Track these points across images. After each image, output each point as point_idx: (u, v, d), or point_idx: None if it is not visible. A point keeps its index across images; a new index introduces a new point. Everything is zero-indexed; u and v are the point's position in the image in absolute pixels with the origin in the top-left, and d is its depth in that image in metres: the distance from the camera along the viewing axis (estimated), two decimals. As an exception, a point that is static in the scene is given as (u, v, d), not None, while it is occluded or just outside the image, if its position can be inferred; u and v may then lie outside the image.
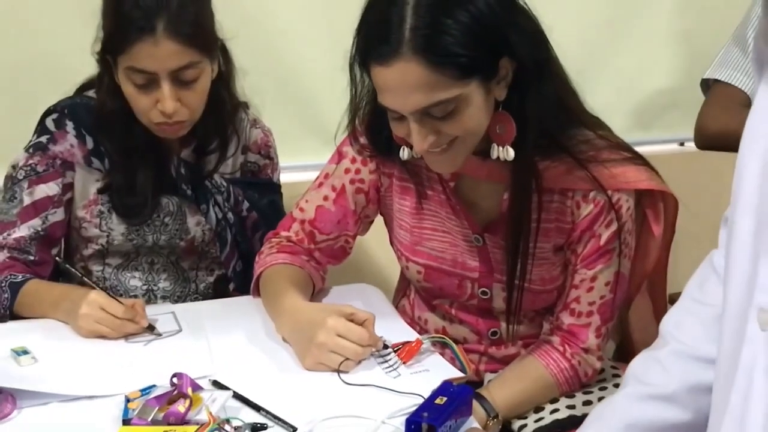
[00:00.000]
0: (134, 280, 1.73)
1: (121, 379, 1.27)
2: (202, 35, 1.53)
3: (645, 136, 2.35)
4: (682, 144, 2.46)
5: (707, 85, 1.87)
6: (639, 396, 1.02)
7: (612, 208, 1.38)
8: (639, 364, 1.06)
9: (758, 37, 0.92)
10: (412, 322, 1.62)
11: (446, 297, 1.54)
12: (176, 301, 1.75)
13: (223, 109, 1.68)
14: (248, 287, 1.67)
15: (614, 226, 1.39)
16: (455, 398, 1.16)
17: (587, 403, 1.46)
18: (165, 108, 1.51)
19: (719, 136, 1.76)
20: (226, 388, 1.24)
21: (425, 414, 1.11)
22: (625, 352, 1.64)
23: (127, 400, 1.19)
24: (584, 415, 1.41)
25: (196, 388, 1.19)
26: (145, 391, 1.21)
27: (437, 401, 1.15)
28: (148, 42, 1.46)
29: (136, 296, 1.73)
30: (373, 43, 1.25)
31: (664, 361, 1.03)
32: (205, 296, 1.79)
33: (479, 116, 1.28)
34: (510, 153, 1.31)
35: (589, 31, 2.29)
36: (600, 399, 1.46)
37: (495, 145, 1.33)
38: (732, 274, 0.87)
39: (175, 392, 1.17)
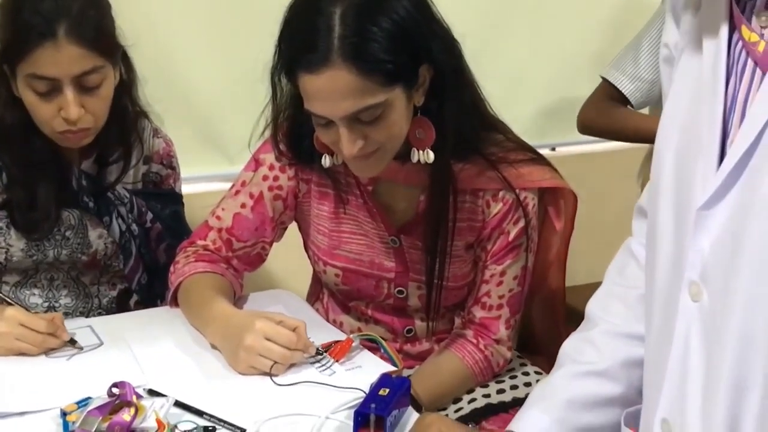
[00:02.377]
0: (34, 297, 1.68)
1: (50, 394, 1.24)
2: (104, 40, 1.51)
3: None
4: (553, 149, 2.63)
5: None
6: (575, 374, 1.11)
7: (520, 205, 1.47)
8: (571, 345, 1.15)
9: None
10: (327, 325, 1.66)
11: (363, 298, 1.59)
12: (79, 318, 1.70)
13: (126, 118, 1.65)
14: (153, 300, 1.66)
15: (522, 223, 1.48)
16: (397, 389, 1.21)
17: (500, 391, 1.54)
18: (69, 114, 1.48)
19: (595, 127, 2.13)
20: (161, 395, 1.23)
21: (373, 405, 1.15)
22: (527, 343, 1.74)
23: (64, 414, 1.17)
24: (500, 403, 1.53)
25: (138, 396, 1.18)
26: (81, 403, 1.19)
27: (380, 393, 1.19)
28: (49, 47, 1.43)
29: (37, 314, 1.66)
30: (300, 52, 1.28)
31: (595, 341, 1.12)
32: (109, 311, 1.75)
33: (402, 121, 1.34)
34: (430, 156, 1.38)
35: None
36: (512, 387, 1.55)
37: (415, 150, 1.39)
38: (658, 256, 0.97)
39: (117, 401, 1.15)
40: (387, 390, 1.20)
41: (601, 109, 2.09)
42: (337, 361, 1.36)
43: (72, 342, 1.39)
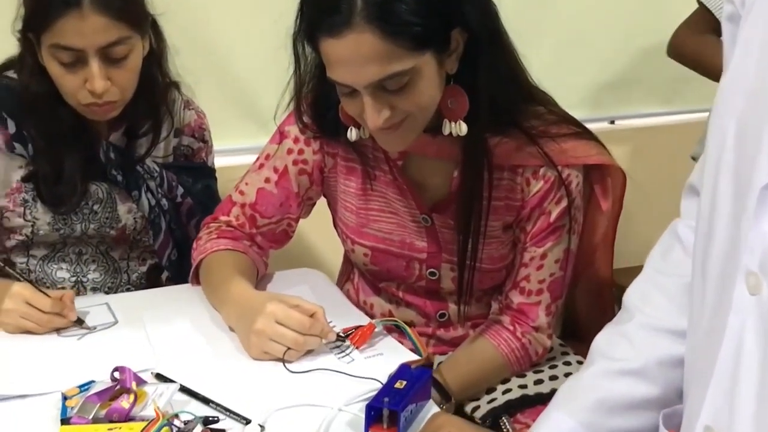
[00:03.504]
0: (61, 272, 1.64)
1: (55, 376, 1.19)
2: (131, 9, 1.45)
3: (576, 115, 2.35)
4: (612, 122, 2.48)
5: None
6: (607, 372, 1.00)
7: (562, 184, 1.36)
8: (604, 339, 1.04)
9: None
10: (358, 307, 1.57)
11: (393, 279, 1.50)
12: (107, 293, 1.66)
13: (155, 89, 1.59)
14: (184, 277, 1.59)
15: (564, 203, 1.37)
16: (415, 382, 1.12)
17: (538, 382, 1.44)
18: (94, 87, 1.43)
19: (687, 53, 2.03)
20: (171, 381, 1.17)
21: (386, 399, 1.06)
22: (571, 330, 1.63)
23: (65, 398, 1.12)
24: (537, 395, 1.42)
25: (140, 382, 1.13)
26: (83, 387, 1.14)
27: (397, 385, 1.10)
28: (74, 16, 1.37)
29: (63, 288, 1.63)
30: (322, 15, 1.19)
31: (630, 335, 1.00)
32: (138, 287, 1.71)
33: (432, 90, 1.24)
34: (463, 128, 1.27)
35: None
36: (551, 377, 1.45)
37: (447, 121, 1.29)
38: (711, 241, 0.85)
39: (118, 387, 1.10)
40: (404, 382, 1.11)
41: (695, 34, 2.00)
42: (357, 347, 1.27)
43: (79, 322, 1.34)
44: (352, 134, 1.34)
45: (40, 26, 1.41)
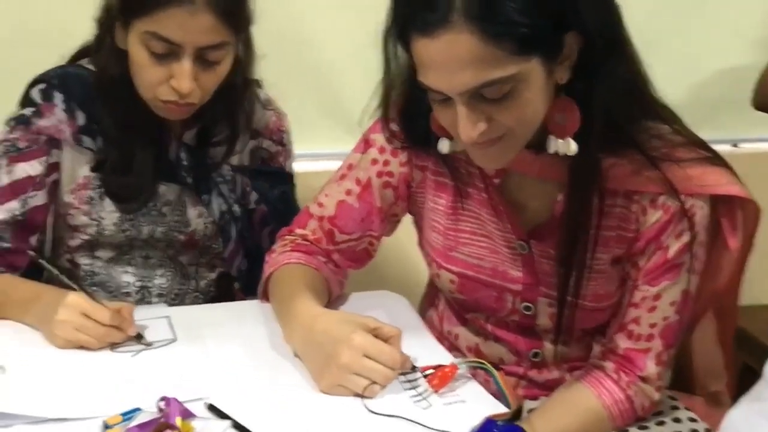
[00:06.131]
0: (127, 276, 1.53)
1: (100, 399, 1.08)
2: (240, 16, 1.36)
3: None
4: (735, 145, 2.25)
5: None
6: None
7: (684, 215, 1.19)
8: (741, 418, 0.85)
9: None
10: (441, 337, 1.42)
11: (482, 311, 1.34)
12: (173, 300, 1.56)
13: (234, 96, 1.49)
14: (254, 288, 1.47)
15: (685, 237, 1.19)
16: (501, 441, 0.96)
17: (643, 440, 1.26)
18: (180, 86, 1.32)
19: None
20: (224, 416, 1.04)
21: (468, 462, 0.91)
22: (683, 380, 1.44)
23: (106, 426, 1.01)
24: (641, 456, 1.24)
25: (187, 415, 1.00)
26: (127, 415, 1.03)
27: (480, 444, 0.94)
28: (185, 9, 1.28)
29: (128, 293, 1.53)
30: (415, 10, 1.04)
31: None
32: (206, 295, 1.60)
33: (537, 101, 1.08)
34: (572, 146, 1.11)
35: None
36: (658, 436, 1.27)
37: (553, 138, 1.13)
38: None
39: (162, 421, 0.97)
40: (489, 441, 0.95)
41: None
42: (435, 391, 1.12)
43: (138, 337, 1.23)
44: (444, 146, 1.19)
45: (140, 10, 1.31)
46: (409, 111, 1.23)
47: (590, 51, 1.08)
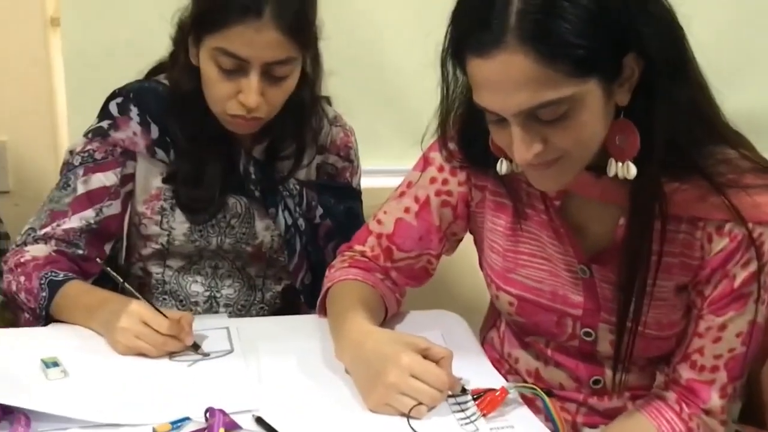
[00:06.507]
0: (196, 285, 1.57)
1: (153, 407, 1.10)
2: (306, 32, 1.38)
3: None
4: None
5: None
6: None
7: (752, 244, 1.13)
8: None
9: None
10: (501, 359, 1.40)
11: (542, 335, 1.32)
12: (239, 311, 1.59)
13: (303, 112, 1.51)
14: (317, 302, 1.48)
15: (753, 266, 1.14)
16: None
17: (705, 477, 1.21)
18: (248, 101, 1.35)
19: None
20: (271, 429, 1.05)
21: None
22: (753, 414, 1.37)
23: (155, 434, 1.02)
24: (701, 493, 1.19)
25: (233, 426, 1.02)
26: (176, 424, 1.04)
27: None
28: (251, 26, 1.31)
29: (196, 302, 1.57)
30: (471, 31, 1.03)
31: None
32: (272, 307, 1.62)
33: (595, 124, 1.06)
34: (631, 170, 1.08)
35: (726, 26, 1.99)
36: (721, 473, 1.21)
37: (612, 161, 1.10)
38: None
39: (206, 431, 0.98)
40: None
41: None
42: (484, 415, 1.10)
43: (195, 347, 1.25)
44: (502, 167, 1.17)
45: (210, 26, 1.35)
46: (467, 131, 1.22)
47: (651, 73, 1.05)
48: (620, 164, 1.09)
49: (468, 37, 1.04)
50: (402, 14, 1.92)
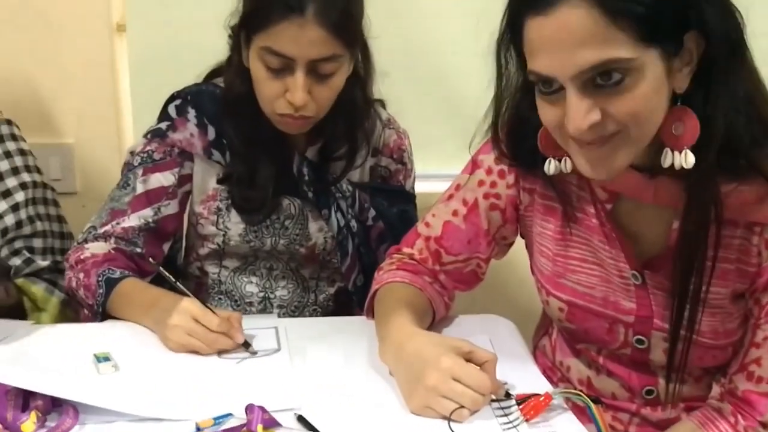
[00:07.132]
0: (251, 286, 1.59)
1: (198, 402, 1.11)
2: (350, 28, 1.38)
3: None
4: None
5: None
6: None
7: (813, 251, 1.09)
8: None
9: None
10: (552, 368, 1.38)
11: (593, 342, 1.29)
12: (293, 312, 1.60)
13: (355, 113, 1.51)
14: (365, 304, 1.49)
15: (813, 275, 1.10)
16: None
17: (762, 492, 1.16)
18: (294, 99, 1.36)
19: None
20: (312, 428, 1.05)
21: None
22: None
23: (198, 429, 1.04)
24: None
25: (271, 424, 1.02)
26: (218, 419, 1.05)
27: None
28: (294, 23, 1.32)
29: (251, 303, 1.59)
30: None
31: None
32: (325, 309, 1.63)
33: (653, 100, 1.01)
34: (689, 158, 1.03)
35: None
36: (777, 488, 1.17)
37: (668, 150, 1.05)
38: None
39: (244, 429, 0.99)
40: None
41: None
42: (527, 420, 1.08)
43: (246, 345, 1.26)
44: (550, 167, 1.14)
45: (256, 26, 1.36)
46: (517, 130, 1.20)
47: (710, 61, 1.02)
48: (677, 153, 1.05)
49: None
50: (455, 9, 1.91)
